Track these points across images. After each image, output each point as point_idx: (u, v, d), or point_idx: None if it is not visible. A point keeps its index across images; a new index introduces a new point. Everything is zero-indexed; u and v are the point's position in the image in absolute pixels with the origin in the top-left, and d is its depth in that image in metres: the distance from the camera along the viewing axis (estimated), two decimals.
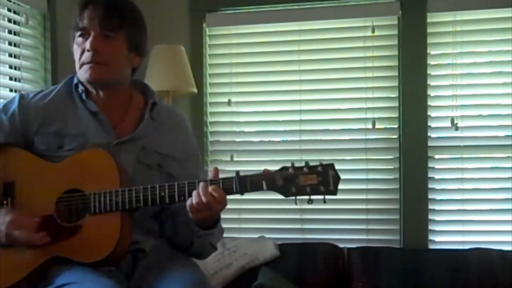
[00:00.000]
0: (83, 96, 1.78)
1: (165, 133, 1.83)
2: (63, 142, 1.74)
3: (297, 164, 1.61)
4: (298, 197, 1.60)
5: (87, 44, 1.71)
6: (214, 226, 1.70)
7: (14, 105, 1.78)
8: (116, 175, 1.65)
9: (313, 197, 1.59)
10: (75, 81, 1.82)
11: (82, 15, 1.72)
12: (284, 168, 1.61)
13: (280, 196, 1.61)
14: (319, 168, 1.59)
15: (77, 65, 1.76)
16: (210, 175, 1.64)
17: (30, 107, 1.78)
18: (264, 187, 1.60)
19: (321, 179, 1.59)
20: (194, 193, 1.59)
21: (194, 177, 1.67)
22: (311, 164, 1.61)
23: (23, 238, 1.62)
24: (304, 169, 1.60)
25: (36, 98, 1.81)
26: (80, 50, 1.73)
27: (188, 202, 1.60)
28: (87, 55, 1.71)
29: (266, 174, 1.60)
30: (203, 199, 1.57)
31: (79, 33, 1.73)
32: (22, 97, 1.81)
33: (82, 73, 1.74)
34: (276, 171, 1.61)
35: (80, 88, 1.79)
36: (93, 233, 1.63)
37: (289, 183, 1.59)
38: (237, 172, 1.62)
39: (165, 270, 1.65)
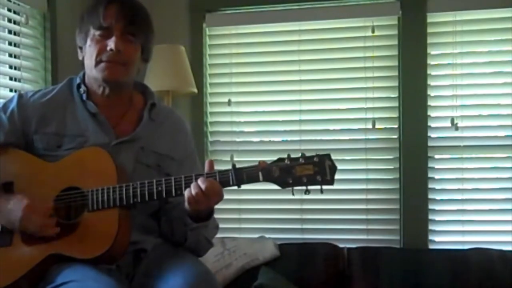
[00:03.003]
0: (84, 96, 1.79)
1: (164, 134, 1.84)
2: (62, 142, 1.75)
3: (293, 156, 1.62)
4: (295, 188, 1.61)
5: (111, 44, 1.71)
6: (208, 219, 1.70)
7: (13, 104, 1.79)
8: (113, 172, 1.66)
9: (310, 188, 1.60)
10: (77, 81, 1.83)
11: (106, 13, 1.73)
12: (280, 159, 1.62)
13: (280, 196, 1.61)
14: (315, 159, 1.61)
15: (91, 62, 1.75)
16: (205, 168, 1.65)
17: (29, 106, 1.79)
18: (260, 178, 1.61)
19: (317, 169, 1.60)
20: (193, 184, 1.60)
21: None
22: (308, 155, 1.62)
23: (38, 222, 1.62)
24: (300, 159, 1.61)
25: (35, 96, 1.82)
26: (99, 47, 1.73)
27: (187, 194, 1.61)
28: (108, 54, 1.72)
29: (262, 165, 1.61)
30: (202, 186, 1.58)
31: (100, 31, 1.73)
32: (21, 96, 1.82)
33: (99, 71, 1.74)
34: (272, 163, 1.62)
35: (82, 88, 1.80)
36: (91, 230, 1.64)
37: (286, 174, 1.60)
38: (233, 165, 1.63)
39: (167, 264, 1.66)
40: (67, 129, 1.76)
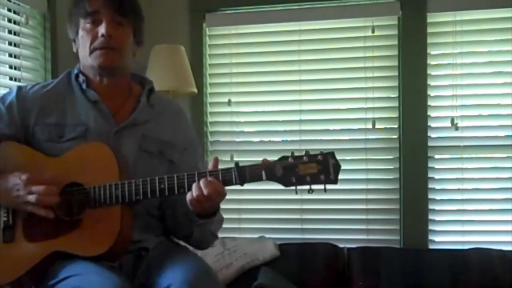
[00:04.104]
0: (84, 85, 1.79)
1: (165, 121, 1.84)
2: (64, 132, 1.74)
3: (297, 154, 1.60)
4: (298, 187, 1.58)
5: (101, 29, 1.72)
6: (214, 215, 1.70)
7: (12, 96, 1.79)
8: (115, 168, 1.66)
9: (314, 186, 1.57)
10: (75, 71, 1.83)
11: (92, 0, 1.73)
12: (283, 158, 1.60)
13: (280, 196, 1.60)
14: (319, 157, 1.58)
15: (85, 51, 1.76)
16: (209, 166, 1.64)
17: (28, 98, 1.79)
18: (264, 177, 1.59)
19: (321, 168, 1.57)
20: (194, 186, 1.59)
21: (193, 167, 1.69)
22: (312, 153, 1.59)
23: (39, 190, 1.60)
24: (304, 158, 1.58)
25: (34, 89, 1.82)
26: (91, 35, 1.74)
27: (188, 196, 1.60)
28: (101, 41, 1.73)
29: (266, 164, 1.59)
30: (204, 191, 1.57)
31: (89, 19, 1.74)
32: (20, 88, 1.83)
33: (94, 58, 1.75)
34: (276, 161, 1.60)
35: (81, 77, 1.80)
36: (93, 227, 1.64)
37: (289, 172, 1.58)
38: (236, 163, 1.61)
39: (168, 261, 1.65)
40: (68, 119, 1.76)
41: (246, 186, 1.63)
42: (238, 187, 1.63)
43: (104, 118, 1.76)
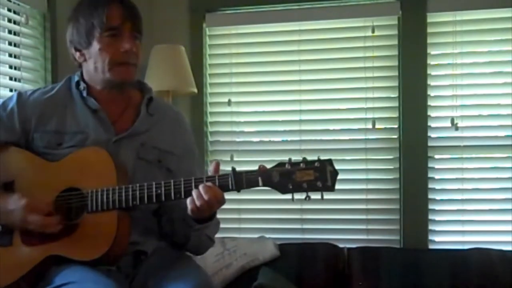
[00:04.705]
0: (84, 93, 1.79)
1: (163, 129, 1.84)
2: (63, 140, 1.75)
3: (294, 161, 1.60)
4: (295, 194, 1.58)
5: (126, 45, 1.72)
6: (211, 219, 1.70)
7: (13, 102, 1.80)
8: (113, 173, 1.66)
9: (311, 194, 1.57)
10: (76, 79, 1.82)
11: (111, 14, 1.72)
12: (280, 164, 1.59)
13: (280, 196, 1.60)
14: (316, 164, 1.57)
15: (102, 65, 1.73)
16: (210, 169, 1.64)
17: (28, 104, 1.79)
18: (260, 183, 1.58)
19: (318, 175, 1.56)
20: (195, 194, 1.59)
21: (190, 174, 1.69)
22: (309, 159, 1.59)
23: (38, 222, 1.62)
24: (301, 164, 1.57)
25: (34, 95, 1.82)
26: (112, 50, 1.72)
27: (191, 206, 1.60)
28: (126, 56, 1.73)
29: (262, 170, 1.59)
30: (205, 196, 1.57)
31: (109, 32, 1.72)
32: (20, 94, 1.83)
33: (115, 74, 1.74)
34: (273, 167, 1.59)
35: (82, 85, 1.80)
36: (90, 231, 1.64)
37: (286, 179, 1.57)
38: (233, 169, 1.61)
39: (169, 272, 1.65)
40: (67, 126, 1.76)
41: None
42: None
43: (104, 127, 1.76)
